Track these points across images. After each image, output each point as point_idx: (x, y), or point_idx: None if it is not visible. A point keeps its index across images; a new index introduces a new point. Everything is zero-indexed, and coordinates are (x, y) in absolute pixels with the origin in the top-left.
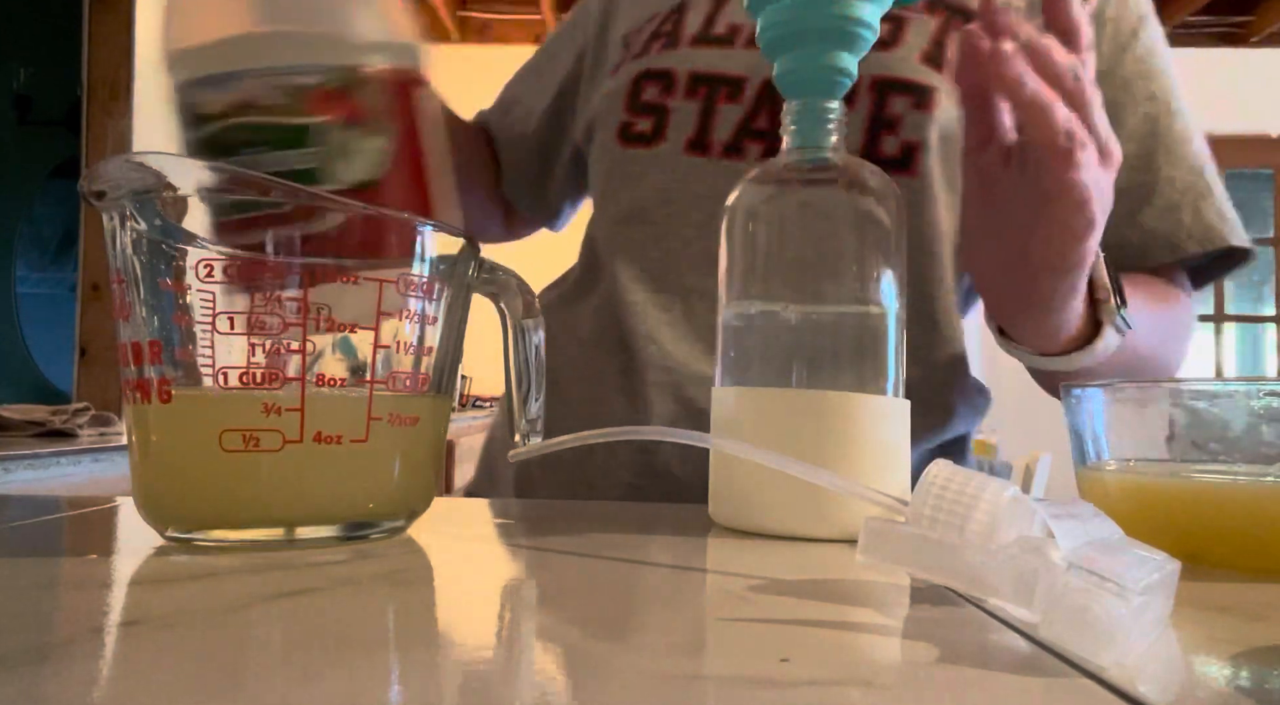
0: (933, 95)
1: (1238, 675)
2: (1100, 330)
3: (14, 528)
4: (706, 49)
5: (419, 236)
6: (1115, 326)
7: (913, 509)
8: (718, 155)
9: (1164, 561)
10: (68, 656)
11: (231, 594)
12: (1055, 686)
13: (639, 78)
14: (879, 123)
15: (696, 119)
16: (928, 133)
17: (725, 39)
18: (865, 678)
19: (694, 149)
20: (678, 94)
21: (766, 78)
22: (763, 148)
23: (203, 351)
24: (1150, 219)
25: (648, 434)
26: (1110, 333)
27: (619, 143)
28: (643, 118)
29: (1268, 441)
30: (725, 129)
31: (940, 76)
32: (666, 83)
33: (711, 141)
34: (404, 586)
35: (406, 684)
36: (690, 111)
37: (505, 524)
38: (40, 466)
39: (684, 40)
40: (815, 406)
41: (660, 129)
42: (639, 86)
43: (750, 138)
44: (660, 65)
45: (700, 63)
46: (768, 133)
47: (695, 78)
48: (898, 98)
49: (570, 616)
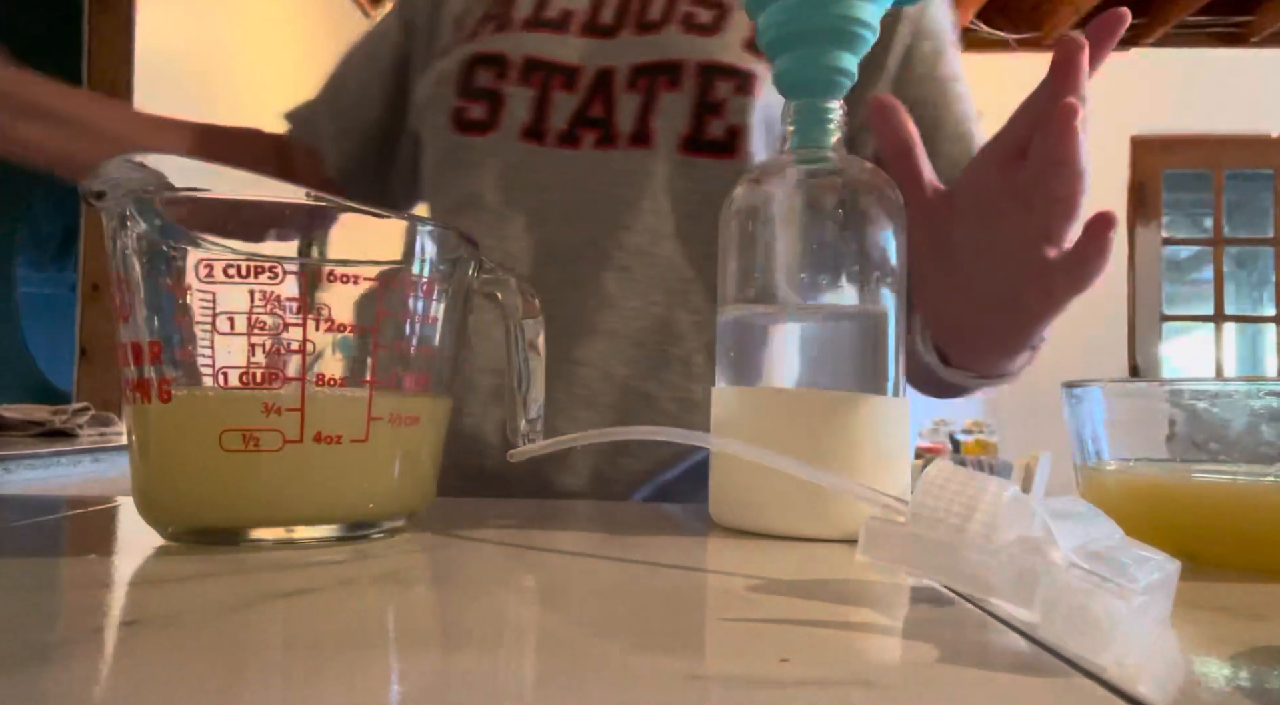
0: (754, 80)
1: (1238, 675)
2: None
3: (14, 528)
4: (539, 33)
5: (419, 237)
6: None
7: (912, 509)
8: (553, 143)
9: (1164, 561)
10: (68, 656)
11: (231, 594)
12: (1055, 686)
13: (470, 61)
14: (705, 106)
15: (532, 106)
16: (750, 117)
17: (558, 23)
18: (865, 678)
19: (529, 136)
20: (511, 79)
21: (600, 67)
22: (597, 136)
23: (203, 351)
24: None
25: (647, 434)
26: (1029, 350)
27: (453, 129)
28: (476, 103)
29: (1268, 441)
30: (560, 117)
31: (761, 63)
32: (500, 67)
33: (547, 129)
34: (404, 586)
35: (406, 684)
36: (525, 98)
37: (505, 524)
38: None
39: (515, 24)
40: (815, 406)
41: (495, 115)
42: (471, 70)
43: (584, 126)
44: (492, 49)
45: (533, 48)
46: (602, 120)
47: (529, 63)
48: (722, 82)
49: (570, 616)
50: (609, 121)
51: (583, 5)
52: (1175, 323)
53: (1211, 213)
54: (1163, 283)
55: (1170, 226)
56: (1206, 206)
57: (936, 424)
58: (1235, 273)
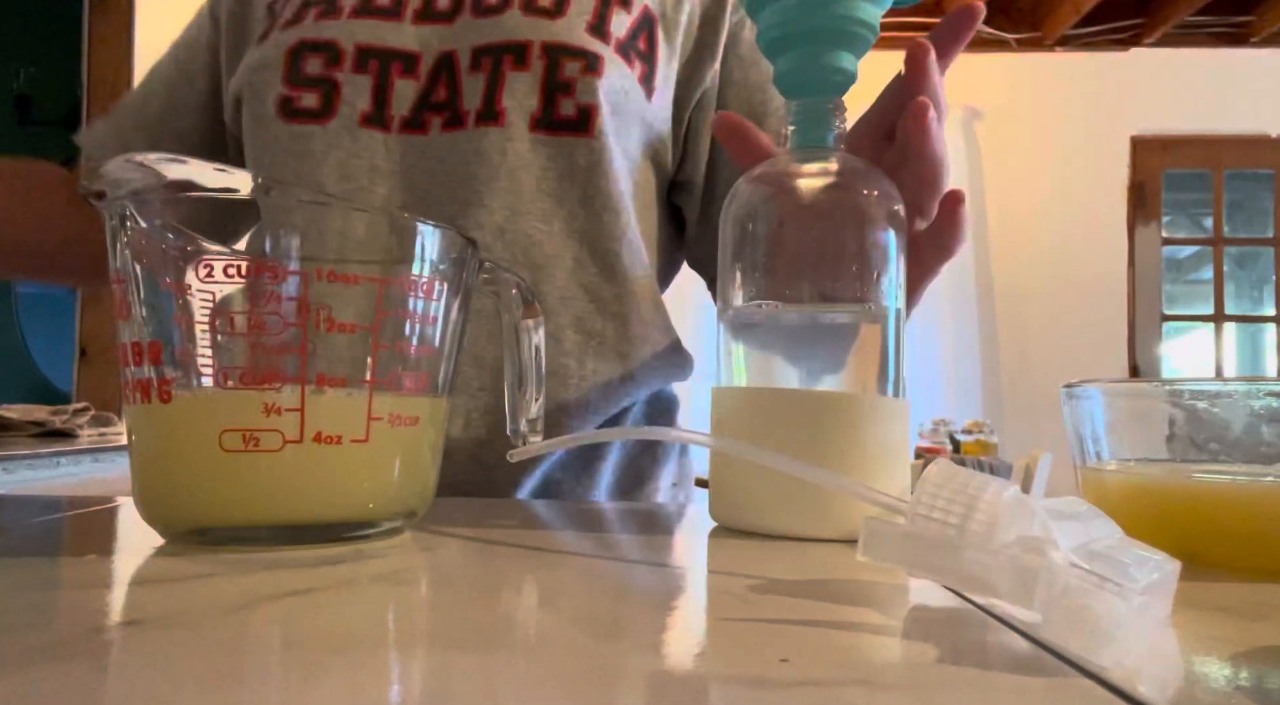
0: (601, 61)
1: (1238, 675)
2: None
3: (14, 528)
4: (371, 20)
5: (419, 237)
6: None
7: (912, 509)
8: (397, 130)
9: (1164, 561)
10: (68, 656)
11: (231, 594)
12: (1055, 686)
13: (296, 49)
14: (554, 85)
15: (370, 93)
16: (599, 97)
17: (390, 11)
18: (865, 678)
19: (371, 123)
20: (345, 67)
21: (441, 51)
22: (444, 118)
23: (203, 351)
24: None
25: (647, 434)
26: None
27: (281, 118)
28: (307, 92)
29: (1268, 441)
30: (403, 104)
31: (605, 46)
32: (331, 54)
33: (390, 116)
34: (404, 586)
35: (406, 684)
36: (363, 85)
37: (505, 524)
38: (40, 466)
39: (344, 10)
40: (815, 406)
41: (330, 103)
42: (298, 57)
43: (430, 111)
44: (320, 36)
45: (366, 35)
46: (446, 103)
47: (363, 51)
48: (569, 62)
49: (570, 616)
50: (455, 103)
51: None
52: (1175, 323)
53: (1211, 213)
54: (1163, 283)
55: (1170, 226)
56: (1206, 206)
57: (936, 424)
58: (1235, 273)
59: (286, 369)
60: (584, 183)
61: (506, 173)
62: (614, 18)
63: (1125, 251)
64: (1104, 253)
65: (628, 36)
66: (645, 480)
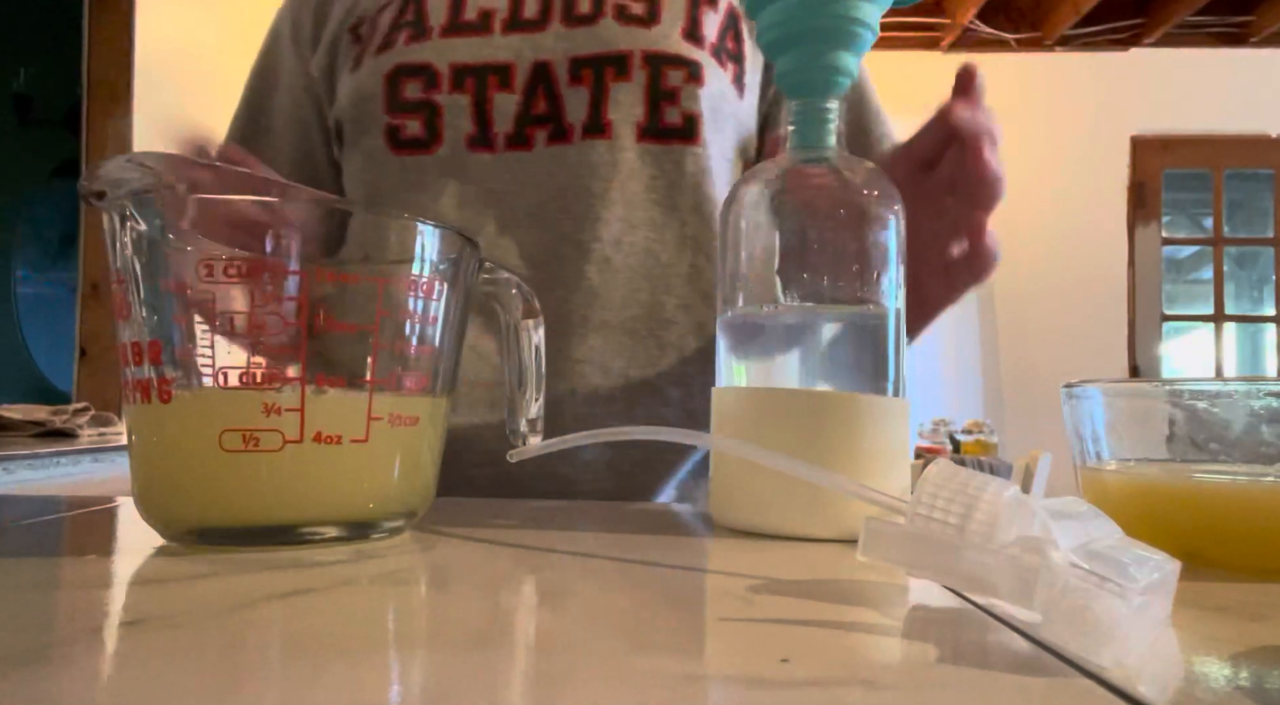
0: (702, 69)
1: (1238, 675)
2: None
3: (14, 528)
4: (461, 38)
5: (419, 237)
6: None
7: (912, 509)
8: (503, 148)
9: (1164, 561)
10: (68, 656)
11: (231, 594)
12: (1055, 686)
13: (393, 74)
14: (659, 94)
15: (472, 114)
16: (701, 104)
17: (479, 25)
18: (865, 678)
19: (477, 146)
20: (443, 88)
21: (535, 61)
22: (548, 132)
23: (203, 351)
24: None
25: (648, 434)
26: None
27: (390, 149)
28: (410, 118)
29: (1268, 441)
30: (504, 120)
31: (702, 52)
32: (428, 77)
33: (494, 135)
34: (404, 586)
35: (406, 684)
36: (463, 105)
37: (505, 524)
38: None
39: (433, 30)
40: (815, 406)
41: (434, 129)
42: (396, 84)
43: (533, 125)
44: (415, 59)
45: (460, 54)
46: (549, 117)
47: (459, 70)
48: (671, 71)
49: (570, 616)
50: (558, 117)
51: (501, 4)
52: (1175, 323)
53: (1211, 213)
54: (1163, 283)
55: (1170, 226)
56: (1206, 206)
57: (936, 424)
58: (1235, 273)
59: (286, 369)
60: (693, 190)
61: (619, 185)
62: (705, 20)
63: (1125, 251)
64: (1104, 253)
65: (718, 38)
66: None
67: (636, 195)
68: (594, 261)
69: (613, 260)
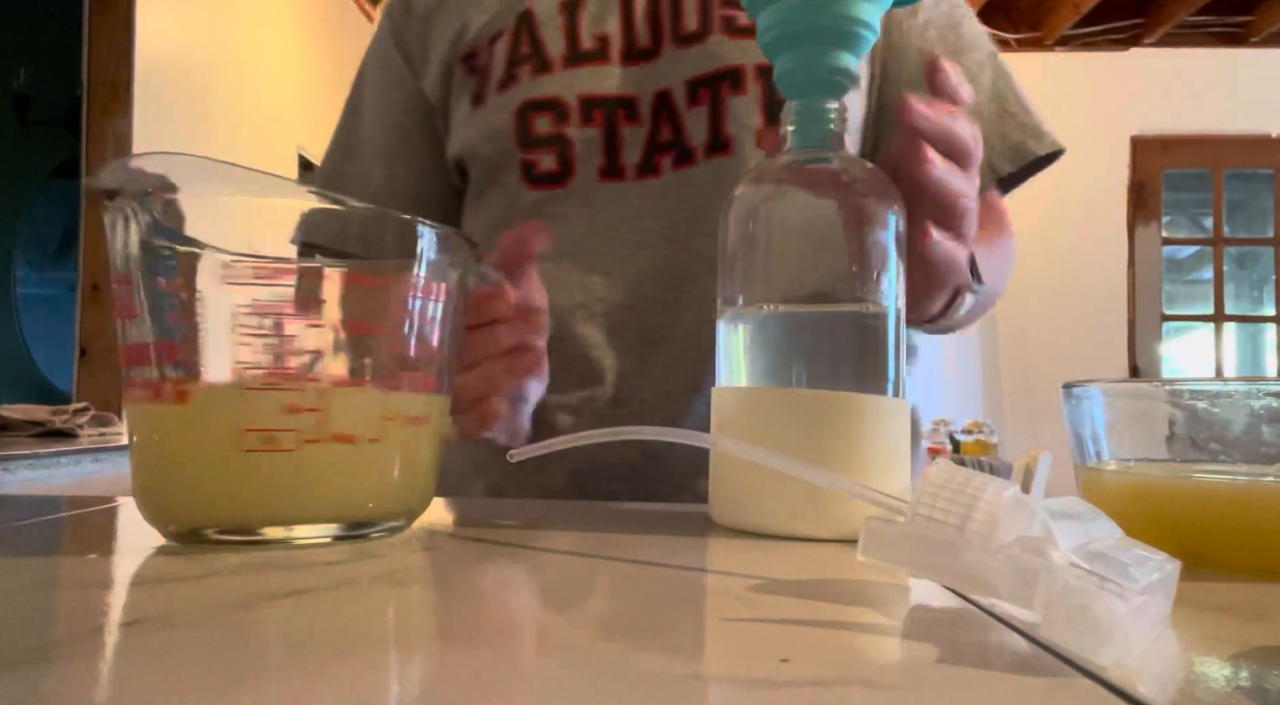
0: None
1: (1238, 675)
2: (958, 297)
3: (14, 528)
4: (583, 68)
5: (421, 238)
6: (972, 291)
7: (912, 509)
8: (633, 177)
9: (1164, 561)
10: (68, 656)
11: (231, 594)
12: (1055, 686)
13: (523, 110)
14: (775, 105)
15: (602, 147)
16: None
17: (597, 53)
18: (865, 678)
19: (607, 176)
20: (573, 122)
21: (656, 92)
22: (673, 157)
23: (210, 351)
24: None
25: (647, 434)
26: (968, 298)
27: (526, 184)
28: (543, 153)
29: (1268, 441)
30: (633, 151)
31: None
32: (557, 111)
33: (624, 166)
34: (404, 586)
35: (406, 684)
36: (593, 138)
37: (505, 524)
38: (40, 466)
39: (555, 63)
40: (815, 406)
41: (567, 163)
42: (526, 119)
43: (659, 151)
44: (542, 94)
45: (585, 86)
46: (673, 142)
47: (586, 102)
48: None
49: (571, 616)
50: (680, 140)
51: (614, 27)
52: (1175, 323)
53: (1211, 213)
54: (1163, 283)
55: (1170, 226)
56: (1206, 206)
57: (936, 424)
58: (1235, 273)
59: (295, 369)
60: None
61: None
62: None
63: (1125, 251)
64: (1104, 253)
65: None
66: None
67: None
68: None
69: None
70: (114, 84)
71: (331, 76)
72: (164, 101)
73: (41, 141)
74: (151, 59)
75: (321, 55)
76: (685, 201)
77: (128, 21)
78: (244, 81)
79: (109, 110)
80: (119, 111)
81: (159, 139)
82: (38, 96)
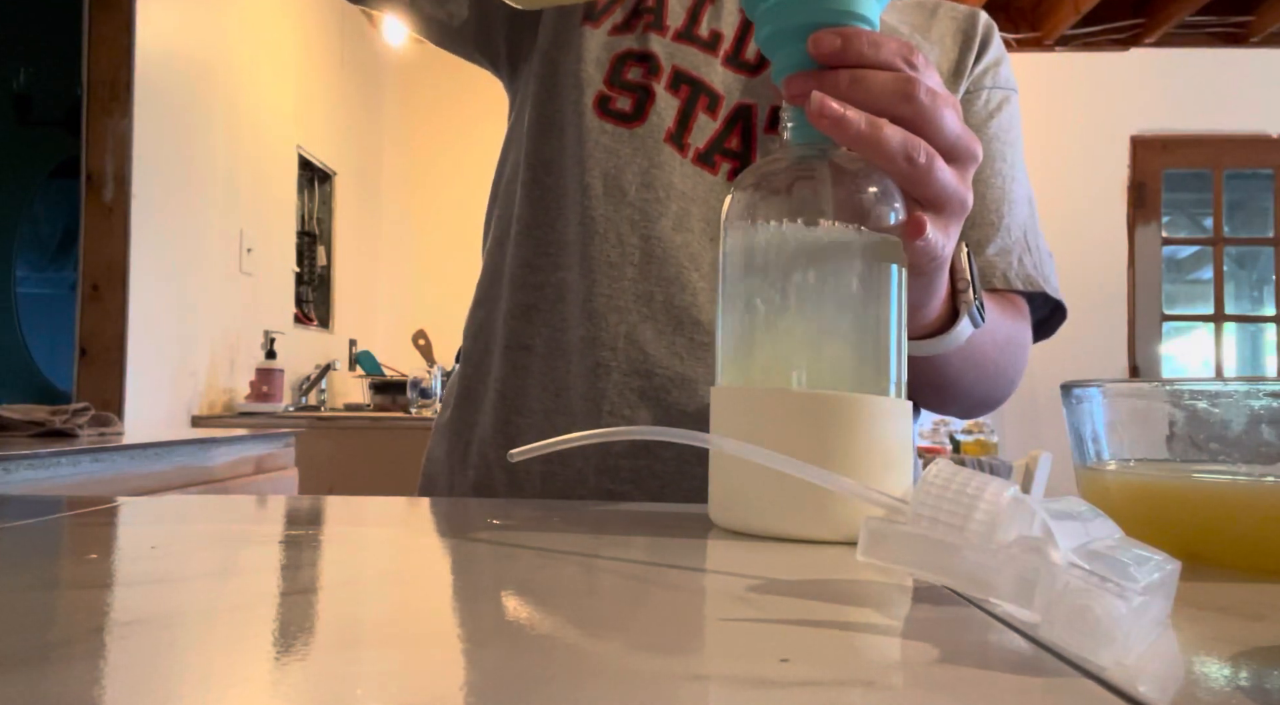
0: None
1: (1238, 675)
2: (957, 318)
3: (14, 528)
4: (690, 48)
5: None
6: (970, 316)
7: (913, 509)
8: (692, 159)
9: (1164, 561)
10: (68, 656)
11: (231, 594)
12: (1055, 686)
13: (623, 56)
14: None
15: (677, 116)
16: None
17: (708, 43)
18: (865, 678)
19: (672, 141)
20: (661, 81)
21: (740, 103)
22: (733, 167)
23: None
24: (992, 252)
25: (648, 434)
26: (965, 322)
27: (596, 113)
28: (623, 95)
29: (1268, 441)
30: (700, 138)
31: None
32: (651, 66)
33: (688, 143)
34: (404, 586)
35: (407, 684)
36: (672, 105)
37: (505, 524)
38: (40, 466)
39: (669, 31)
40: (815, 407)
41: (642, 109)
42: (622, 64)
43: (721, 155)
44: (646, 48)
45: (685, 61)
46: (738, 153)
47: (678, 74)
48: None
49: (570, 616)
50: (747, 157)
51: (730, 31)
52: (1175, 323)
53: (1211, 212)
54: (1163, 283)
55: (1170, 226)
56: (1206, 206)
57: (936, 424)
58: (1235, 273)
59: None
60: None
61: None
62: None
63: (1125, 251)
64: (1104, 253)
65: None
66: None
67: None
68: None
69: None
70: (114, 84)
71: (331, 76)
72: (164, 101)
73: (41, 141)
74: (151, 59)
75: (321, 55)
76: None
77: (128, 21)
78: (244, 81)
79: (109, 110)
80: (119, 111)
81: (159, 139)
82: (38, 96)
